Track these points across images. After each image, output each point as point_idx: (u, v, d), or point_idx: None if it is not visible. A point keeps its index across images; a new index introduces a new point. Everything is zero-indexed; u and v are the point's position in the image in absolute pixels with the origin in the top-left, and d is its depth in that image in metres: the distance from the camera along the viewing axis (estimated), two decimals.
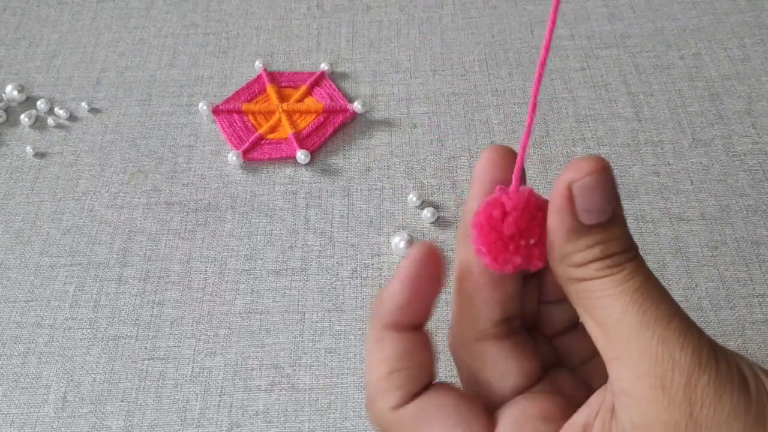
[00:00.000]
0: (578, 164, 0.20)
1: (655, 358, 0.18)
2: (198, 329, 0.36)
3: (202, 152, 0.43)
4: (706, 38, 0.46)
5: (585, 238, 0.20)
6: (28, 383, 0.35)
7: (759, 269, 0.36)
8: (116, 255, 0.39)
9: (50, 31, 0.51)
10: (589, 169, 0.19)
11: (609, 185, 0.20)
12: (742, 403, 0.18)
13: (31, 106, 0.46)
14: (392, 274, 0.37)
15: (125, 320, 0.36)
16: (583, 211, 0.20)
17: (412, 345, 0.21)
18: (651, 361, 0.18)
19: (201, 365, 0.35)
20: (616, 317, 0.19)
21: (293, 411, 0.33)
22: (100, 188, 0.42)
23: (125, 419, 0.33)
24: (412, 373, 0.21)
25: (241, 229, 0.39)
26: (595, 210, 0.20)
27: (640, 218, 0.38)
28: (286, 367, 0.34)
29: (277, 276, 0.38)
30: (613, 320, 0.19)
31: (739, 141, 0.41)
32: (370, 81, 0.46)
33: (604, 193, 0.20)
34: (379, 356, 0.21)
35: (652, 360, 0.18)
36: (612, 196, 0.20)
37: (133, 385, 0.34)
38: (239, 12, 0.51)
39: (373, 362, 0.21)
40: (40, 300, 0.37)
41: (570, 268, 0.20)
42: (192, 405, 0.33)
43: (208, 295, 0.37)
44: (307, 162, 0.42)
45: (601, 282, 0.20)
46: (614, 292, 0.19)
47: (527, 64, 0.46)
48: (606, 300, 0.20)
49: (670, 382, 0.18)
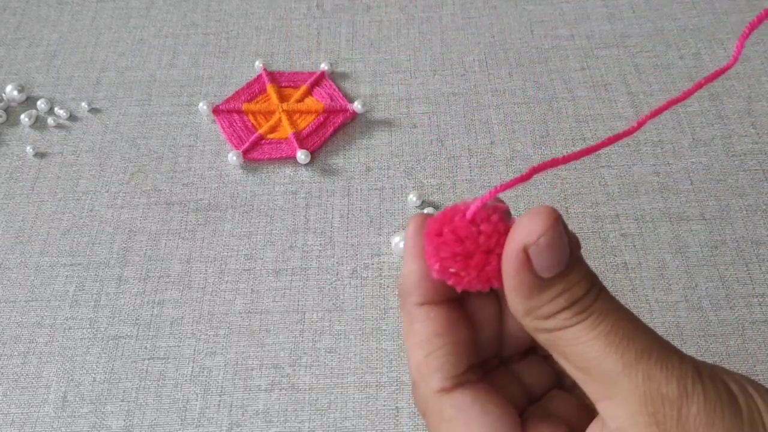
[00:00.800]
0: (528, 225, 0.19)
1: (643, 396, 0.18)
2: (198, 329, 0.36)
3: (202, 152, 0.43)
4: (705, 38, 0.46)
5: (548, 291, 0.20)
6: (28, 383, 0.35)
7: (759, 269, 0.36)
8: (116, 255, 0.39)
9: (50, 31, 0.51)
10: (541, 230, 0.19)
11: (563, 237, 0.20)
12: (735, 423, 0.18)
13: (31, 106, 0.46)
14: (392, 273, 0.37)
15: (125, 320, 0.36)
16: (542, 269, 0.20)
17: (445, 322, 0.21)
18: (640, 399, 0.18)
19: (201, 365, 0.35)
20: (596, 362, 0.19)
21: (293, 411, 0.33)
22: (100, 188, 0.42)
23: (125, 419, 0.33)
24: (449, 350, 0.21)
25: (241, 229, 0.39)
26: (554, 265, 0.20)
27: (639, 218, 0.38)
28: (286, 367, 0.34)
29: (277, 276, 0.38)
30: (594, 365, 0.19)
31: (739, 141, 0.41)
32: (370, 81, 0.46)
33: (560, 247, 0.20)
34: (415, 340, 0.21)
35: (641, 399, 0.18)
36: (566, 245, 0.20)
37: (133, 384, 0.34)
38: (239, 12, 0.51)
39: (411, 347, 0.21)
40: (41, 300, 0.37)
41: (537, 321, 0.20)
42: (192, 405, 0.34)
43: (208, 294, 0.37)
44: (307, 162, 0.42)
45: (573, 330, 0.19)
46: (588, 338, 0.19)
47: (527, 64, 0.46)
48: (581, 347, 0.19)
49: (663, 417, 0.18)
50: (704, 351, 0.33)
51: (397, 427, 0.32)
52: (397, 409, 0.33)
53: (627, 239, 0.37)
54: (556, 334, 0.20)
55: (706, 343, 0.34)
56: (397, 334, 0.35)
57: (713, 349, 0.33)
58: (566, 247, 0.20)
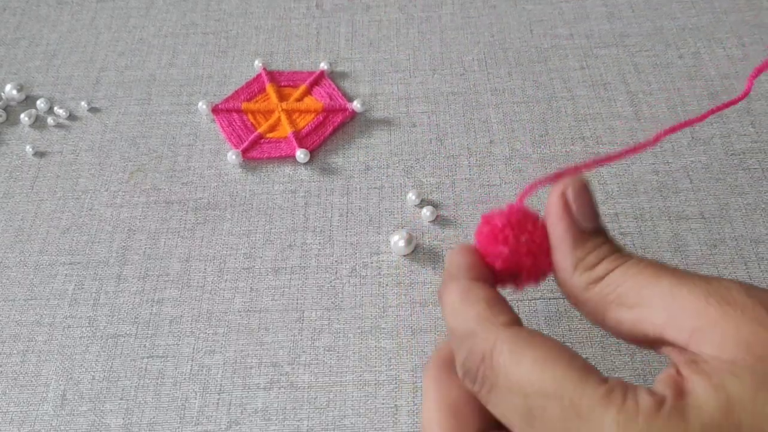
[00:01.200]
0: (563, 181, 0.24)
1: (726, 300, 0.20)
2: (197, 327, 0.36)
3: (201, 151, 0.43)
4: (705, 37, 0.46)
5: (592, 240, 0.23)
6: (27, 381, 0.35)
7: (758, 267, 0.36)
8: (115, 253, 0.39)
9: (50, 31, 0.51)
10: (573, 180, 0.24)
11: (589, 188, 0.24)
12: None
13: (30, 105, 0.46)
14: (391, 272, 0.37)
15: (124, 318, 0.36)
16: (580, 215, 0.23)
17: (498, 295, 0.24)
18: (728, 303, 0.20)
19: (200, 363, 0.35)
20: (651, 290, 0.21)
21: (292, 409, 0.33)
22: (100, 187, 0.42)
23: (124, 417, 0.33)
24: (508, 309, 0.23)
25: (241, 228, 0.39)
26: (589, 212, 0.24)
27: (639, 217, 0.38)
28: (285, 365, 0.34)
29: (276, 274, 0.38)
30: (650, 294, 0.21)
31: (738, 140, 0.41)
32: (370, 80, 0.46)
33: (589, 194, 0.24)
34: (473, 299, 0.23)
35: (728, 302, 0.20)
36: (593, 198, 0.24)
37: (132, 383, 0.34)
38: (239, 11, 0.51)
39: (468, 305, 0.23)
40: (40, 298, 0.37)
41: (587, 273, 0.23)
42: (191, 403, 0.34)
43: (207, 293, 0.37)
44: (306, 161, 0.42)
45: (622, 269, 0.22)
46: (637, 270, 0.22)
47: (526, 63, 0.46)
48: (633, 281, 0.22)
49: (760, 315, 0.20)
50: None
51: (395, 425, 0.32)
52: (395, 407, 0.33)
53: (626, 238, 0.37)
54: (606, 280, 0.22)
55: None
56: (396, 332, 0.35)
57: None
58: (594, 200, 0.24)
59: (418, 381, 0.33)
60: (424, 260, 0.37)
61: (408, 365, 0.34)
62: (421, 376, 0.33)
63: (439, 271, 0.37)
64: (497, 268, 0.25)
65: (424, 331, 0.35)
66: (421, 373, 0.34)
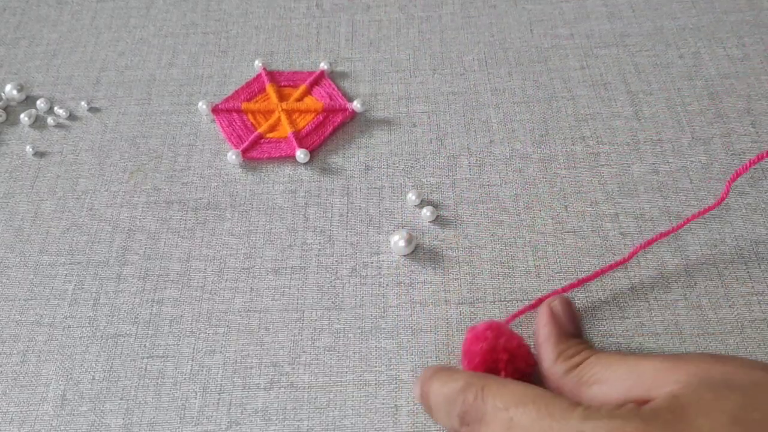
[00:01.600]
0: (550, 298, 0.33)
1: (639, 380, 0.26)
2: (197, 327, 0.36)
3: (201, 151, 0.43)
4: (705, 37, 0.46)
5: (572, 338, 0.31)
6: (27, 381, 0.35)
7: (758, 267, 0.36)
8: (116, 253, 0.39)
9: (50, 31, 0.51)
10: (560, 297, 0.33)
11: (571, 303, 0.33)
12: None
13: (30, 105, 0.46)
14: (391, 272, 0.37)
15: (124, 318, 0.36)
16: (565, 321, 0.31)
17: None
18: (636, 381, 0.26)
19: (200, 363, 0.35)
20: (621, 369, 0.27)
21: (292, 409, 0.33)
22: (100, 187, 0.42)
23: (124, 417, 0.33)
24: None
25: (241, 228, 0.39)
26: (573, 319, 0.32)
27: (639, 217, 0.38)
28: (285, 366, 0.34)
29: (276, 274, 0.38)
30: (622, 371, 0.27)
31: (739, 140, 0.41)
32: (370, 80, 0.46)
33: (570, 305, 0.32)
34: (457, 373, 0.29)
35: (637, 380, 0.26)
36: (575, 309, 0.32)
37: (132, 383, 0.34)
38: (239, 11, 0.51)
39: (455, 375, 0.29)
40: (40, 298, 0.37)
41: (567, 361, 0.29)
42: (191, 403, 0.34)
43: (207, 293, 0.37)
44: (306, 161, 0.42)
45: (596, 357, 0.28)
46: (607, 355, 0.28)
47: (526, 63, 0.46)
48: (605, 362, 0.28)
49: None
50: (703, 349, 0.33)
51: (395, 425, 0.32)
52: (395, 407, 0.33)
53: (626, 238, 0.37)
54: (582, 366, 0.28)
55: (705, 341, 0.34)
56: (396, 332, 0.35)
57: (712, 347, 0.33)
58: (577, 313, 0.32)
59: None
60: (424, 260, 0.37)
61: (408, 365, 0.34)
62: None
63: (439, 271, 0.37)
64: (477, 362, 0.30)
65: (424, 331, 0.35)
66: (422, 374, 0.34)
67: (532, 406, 0.25)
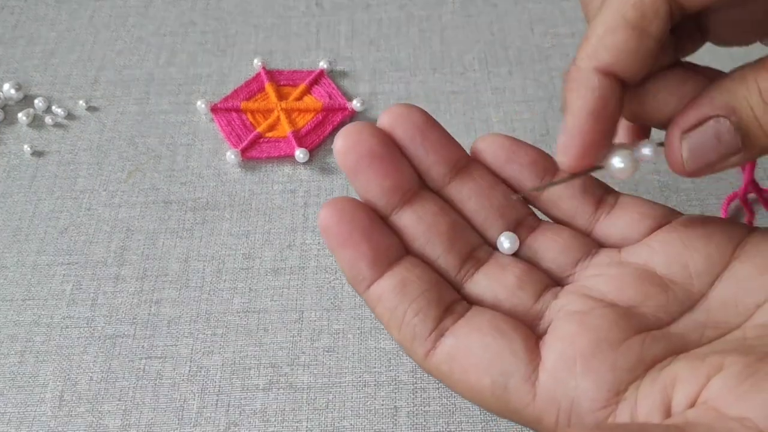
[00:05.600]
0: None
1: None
2: (195, 328, 0.36)
3: (200, 151, 0.43)
4: None
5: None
6: (24, 382, 0.34)
7: None
8: (114, 253, 0.39)
9: (48, 30, 0.51)
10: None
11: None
12: None
13: (28, 104, 0.46)
14: None
15: (122, 319, 0.36)
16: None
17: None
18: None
19: (198, 364, 0.35)
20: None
21: (291, 410, 0.33)
22: (98, 187, 0.42)
23: (122, 418, 0.33)
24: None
25: (239, 228, 0.39)
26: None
27: None
28: (284, 366, 0.34)
29: (275, 275, 0.37)
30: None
31: None
32: (369, 79, 0.46)
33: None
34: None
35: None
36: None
37: (130, 384, 0.34)
38: (238, 10, 0.51)
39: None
40: (37, 299, 0.37)
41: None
42: (189, 404, 0.33)
43: (206, 293, 0.37)
44: (305, 160, 0.41)
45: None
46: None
47: (527, 62, 0.46)
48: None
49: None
50: None
51: (395, 427, 0.32)
52: (395, 408, 0.33)
53: None
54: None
55: None
56: None
57: None
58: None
59: (417, 382, 0.33)
60: None
61: (408, 366, 0.34)
62: (421, 378, 0.33)
63: None
64: None
65: None
66: (421, 375, 0.33)
67: None
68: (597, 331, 0.22)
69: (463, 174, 0.26)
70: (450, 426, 0.32)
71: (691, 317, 0.23)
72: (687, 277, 0.23)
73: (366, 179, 0.24)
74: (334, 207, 0.24)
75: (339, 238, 0.23)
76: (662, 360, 0.21)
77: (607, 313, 0.22)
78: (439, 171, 0.25)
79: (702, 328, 0.22)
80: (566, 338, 0.22)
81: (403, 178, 0.24)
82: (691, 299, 0.23)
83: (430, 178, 0.25)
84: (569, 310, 0.23)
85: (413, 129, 0.25)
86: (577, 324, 0.22)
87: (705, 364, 0.20)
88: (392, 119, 0.25)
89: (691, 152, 0.22)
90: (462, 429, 0.32)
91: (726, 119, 0.22)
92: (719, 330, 0.22)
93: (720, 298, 0.23)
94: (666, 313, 0.23)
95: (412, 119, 0.25)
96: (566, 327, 0.22)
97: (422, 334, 0.23)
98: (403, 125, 0.25)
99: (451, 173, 0.26)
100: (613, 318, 0.22)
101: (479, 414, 0.32)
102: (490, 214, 0.25)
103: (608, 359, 0.21)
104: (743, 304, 0.22)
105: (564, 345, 0.22)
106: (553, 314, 0.23)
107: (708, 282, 0.23)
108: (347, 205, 0.24)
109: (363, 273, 0.23)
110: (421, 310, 0.23)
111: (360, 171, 0.24)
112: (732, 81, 0.22)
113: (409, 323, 0.23)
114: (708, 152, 0.22)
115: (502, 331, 0.22)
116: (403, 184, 0.24)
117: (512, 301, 0.24)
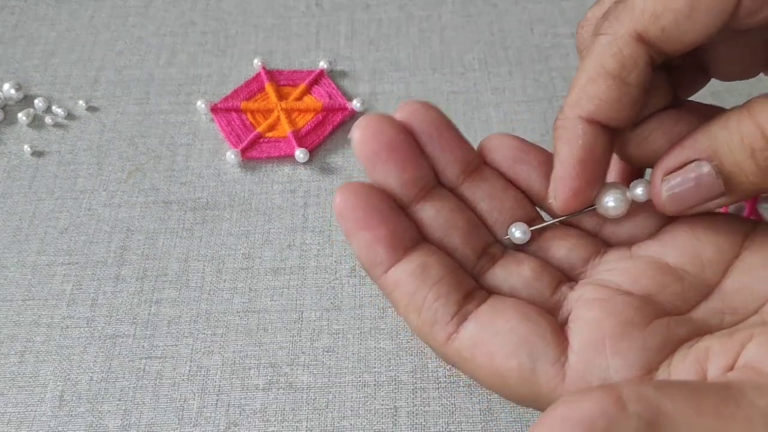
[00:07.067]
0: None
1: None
2: (195, 328, 0.36)
3: (200, 151, 0.43)
4: None
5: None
6: (25, 382, 0.34)
7: None
8: (114, 254, 0.39)
9: (48, 30, 0.51)
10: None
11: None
12: None
13: (28, 104, 0.46)
14: None
15: (122, 319, 0.36)
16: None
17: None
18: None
19: (198, 364, 0.35)
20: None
21: (291, 410, 0.33)
22: (98, 187, 0.42)
23: (122, 418, 0.33)
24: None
25: (239, 228, 0.39)
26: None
27: None
28: (284, 366, 0.34)
29: (275, 275, 0.37)
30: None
31: None
32: (369, 79, 0.46)
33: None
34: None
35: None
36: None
37: (130, 383, 0.34)
38: (238, 10, 0.51)
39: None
40: (38, 299, 0.37)
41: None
42: (189, 404, 0.33)
43: (206, 293, 0.37)
44: (305, 160, 0.41)
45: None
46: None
47: (527, 62, 0.46)
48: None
49: None
50: None
51: (395, 427, 0.32)
52: (395, 408, 0.33)
53: None
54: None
55: None
56: (396, 332, 0.35)
57: None
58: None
59: (417, 382, 0.33)
60: None
61: (408, 366, 0.34)
62: (420, 378, 0.33)
63: None
64: None
65: None
66: (421, 375, 0.33)
67: None
68: (621, 314, 0.22)
69: (476, 175, 0.26)
70: (450, 426, 0.32)
71: (707, 305, 0.23)
72: (699, 266, 0.23)
73: (385, 170, 0.24)
74: (350, 191, 0.23)
75: (356, 221, 0.23)
76: (688, 341, 0.22)
77: (628, 300, 0.23)
78: (453, 170, 0.25)
79: (720, 315, 0.23)
80: (592, 322, 0.22)
81: (421, 172, 0.24)
82: (705, 288, 0.23)
83: (444, 177, 0.25)
84: (588, 298, 0.23)
85: (430, 126, 0.25)
86: (600, 309, 0.22)
87: (735, 337, 0.21)
88: (409, 115, 0.24)
89: (671, 195, 0.22)
90: (462, 429, 0.32)
91: (707, 163, 0.22)
92: (737, 315, 0.23)
93: (734, 286, 0.23)
94: (683, 301, 0.23)
95: (429, 116, 0.25)
96: (589, 313, 0.23)
97: (444, 319, 0.22)
98: (420, 122, 0.25)
99: (464, 174, 0.25)
100: (635, 304, 0.22)
101: (479, 414, 0.32)
102: (501, 216, 0.25)
103: (637, 340, 0.21)
104: (758, 291, 0.22)
105: (590, 328, 0.22)
106: (572, 304, 0.24)
107: (720, 271, 0.23)
108: (363, 189, 0.23)
109: (380, 257, 0.23)
110: (441, 294, 0.23)
111: (379, 162, 0.24)
112: (716, 124, 0.22)
113: (430, 308, 0.22)
114: (688, 195, 0.22)
115: (528, 315, 0.22)
116: (421, 178, 0.24)
117: (529, 292, 0.24)
